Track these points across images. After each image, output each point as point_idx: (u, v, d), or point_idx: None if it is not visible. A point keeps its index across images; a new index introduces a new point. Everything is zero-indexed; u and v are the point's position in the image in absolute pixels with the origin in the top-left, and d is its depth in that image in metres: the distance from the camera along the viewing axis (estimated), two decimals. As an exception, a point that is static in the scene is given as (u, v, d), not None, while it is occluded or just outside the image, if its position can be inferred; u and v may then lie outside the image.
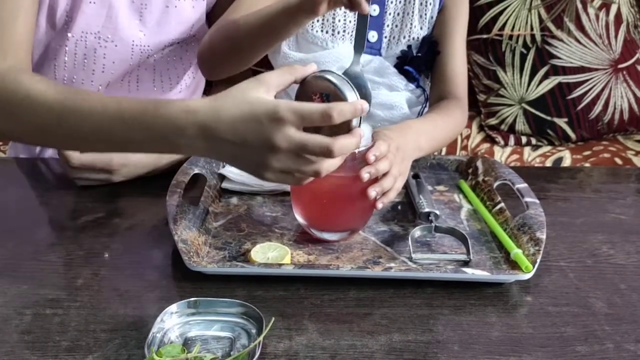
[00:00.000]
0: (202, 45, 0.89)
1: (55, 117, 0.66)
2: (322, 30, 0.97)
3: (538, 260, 0.71)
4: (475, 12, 1.44)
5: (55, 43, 0.94)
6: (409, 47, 0.99)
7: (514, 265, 0.72)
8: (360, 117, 0.65)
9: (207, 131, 0.61)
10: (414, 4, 0.97)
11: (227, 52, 0.87)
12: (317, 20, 0.96)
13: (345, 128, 0.64)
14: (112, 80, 0.99)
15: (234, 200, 0.86)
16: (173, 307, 0.62)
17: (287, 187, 0.82)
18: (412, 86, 1.00)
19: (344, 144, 0.62)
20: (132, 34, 0.96)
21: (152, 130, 0.62)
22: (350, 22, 0.97)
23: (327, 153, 0.61)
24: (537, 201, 0.82)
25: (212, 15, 1.04)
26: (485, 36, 1.44)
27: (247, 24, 0.83)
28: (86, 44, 0.94)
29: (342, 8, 0.94)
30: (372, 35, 0.98)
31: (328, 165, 0.64)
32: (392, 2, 0.97)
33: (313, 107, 0.60)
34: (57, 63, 0.96)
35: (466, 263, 0.73)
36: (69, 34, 0.93)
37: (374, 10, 0.97)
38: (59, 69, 0.96)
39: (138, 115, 0.63)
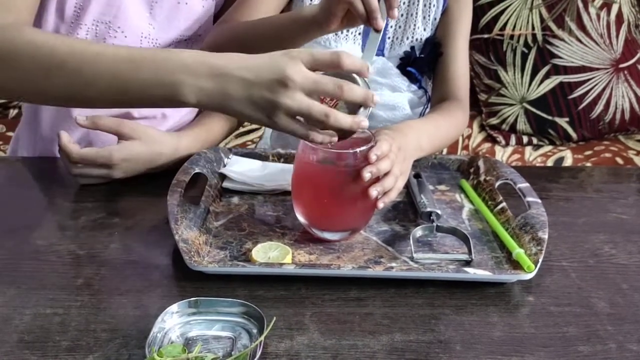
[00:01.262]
0: (206, 43, 0.89)
1: (59, 60, 0.66)
2: None
3: (540, 260, 0.71)
4: (477, 12, 1.43)
5: (65, 31, 0.94)
6: (412, 48, 0.99)
7: (516, 265, 0.71)
8: (368, 110, 0.67)
9: (217, 69, 0.62)
10: (417, 5, 0.97)
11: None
12: None
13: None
14: None
15: (235, 199, 0.86)
16: (174, 307, 0.62)
17: (288, 187, 0.82)
18: (414, 87, 1.00)
19: (352, 87, 0.63)
20: (142, 26, 0.96)
21: (161, 69, 0.64)
22: None
23: (338, 92, 0.62)
24: (539, 201, 0.82)
25: (219, 15, 1.04)
26: (486, 36, 1.44)
27: (255, 30, 0.83)
28: (97, 33, 0.94)
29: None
30: (375, 37, 0.97)
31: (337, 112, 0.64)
32: None
33: (324, 51, 0.63)
34: None
35: (468, 263, 0.73)
36: (81, 22, 0.93)
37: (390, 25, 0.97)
38: None
39: (148, 56, 0.65)
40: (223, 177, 0.89)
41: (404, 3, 0.98)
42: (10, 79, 0.70)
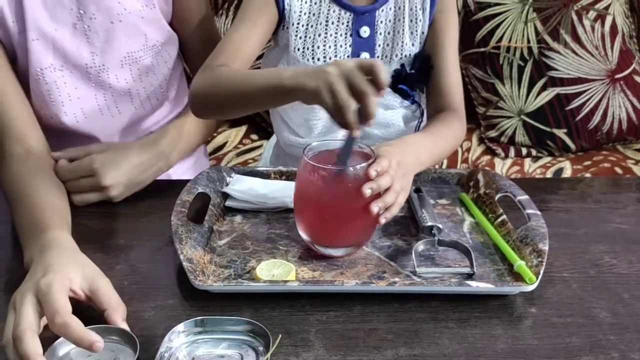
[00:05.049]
0: (191, 87, 0.91)
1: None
2: (313, 58, 0.97)
3: (541, 272, 0.72)
4: (472, 26, 1.45)
5: (22, 85, 0.96)
6: (402, 65, 0.99)
7: (518, 277, 0.72)
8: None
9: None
10: (403, 21, 0.98)
11: (214, 104, 0.89)
12: (308, 49, 0.97)
13: None
14: (85, 107, 1.00)
15: (238, 218, 0.87)
16: (180, 327, 0.63)
17: (291, 204, 0.82)
18: (407, 103, 1.01)
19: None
20: (83, 57, 0.96)
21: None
22: (341, 46, 0.97)
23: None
24: (539, 213, 0.83)
25: (184, 27, 1.05)
26: (482, 50, 1.46)
27: (235, 86, 0.85)
28: (46, 79, 0.96)
29: (333, 34, 0.96)
30: (364, 57, 0.98)
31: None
32: (382, 22, 0.98)
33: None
34: (31, 104, 0.97)
35: (470, 276, 0.74)
36: (28, 76, 0.95)
37: (364, 32, 0.98)
38: (34, 109, 0.97)
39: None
40: (226, 196, 0.90)
41: (389, 20, 0.98)
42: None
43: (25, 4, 0.91)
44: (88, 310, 0.66)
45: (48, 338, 0.61)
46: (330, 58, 0.98)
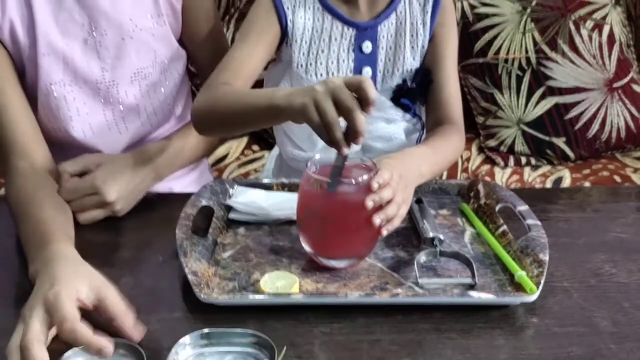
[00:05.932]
0: (193, 105, 0.92)
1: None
2: (315, 74, 0.98)
3: (542, 282, 0.72)
4: (471, 37, 1.47)
5: (36, 99, 0.97)
6: (404, 80, 1.00)
7: (519, 288, 0.73)
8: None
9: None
10: (405, 36, 0.99)
11: (215, 121, 0.91)
12: (311, 65, 0.98)
13: None
14: (94, 123, 1.01)
15: (241, 230, 0.88)
16: (186, 339, 0.63)
17: (293, 216, 0.83)
18: (408, 116, 1.02)
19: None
20: (93, 73, 0.97)
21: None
22: (343, 61, 0.98)
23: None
24: (539, 223, 0.83)
25: (195, 41, 1.06)
26: (481, 60, 1.47)
27: (233, 105, 0.87)
28: (55, 94, 0.97)
29: (336, 50, 0.97)
30: (367, 72, 0.99)
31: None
32: (383, 37, 0.99)
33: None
34: (38, 117, 0.98)
35: (472, 286, 0.74)
36: (37, 90, 0.96)
37: (366, 47, 0.99)
38: (41, 122, 0.98)
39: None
40: (229, 208, 0.91)
41: (391, 35, 0.99)
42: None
43: (37, 18, 0.92)
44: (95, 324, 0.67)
45: (56, 351, 0.62)
46: (333, 74, 0.99)
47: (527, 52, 1.45)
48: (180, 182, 1.09)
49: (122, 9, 0.96)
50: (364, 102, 0.72)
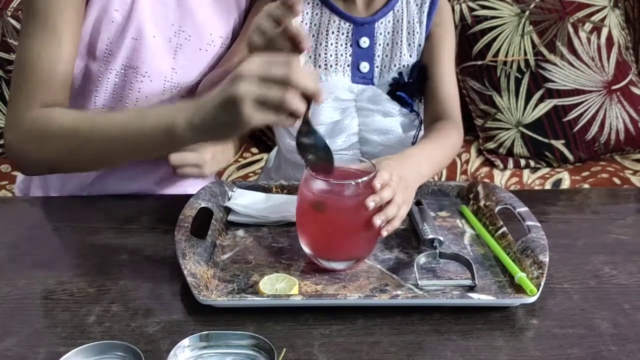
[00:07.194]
0: (198, 89, 0.92)
1: (82, 138, 0.84)
2: (315, 65, 1.00)
3: (542, 283, 0.72)
4: (469, 40, 1.47)
5: (97, 73, 0.97)
6: (400, 74, 1.02)
7: (519, 289, 0.73)
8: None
9: (199, 102, 0.73)
10: (402, 34, 1.01)
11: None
12: (310, 57, 1.00)
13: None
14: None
15: (240, 232, 0.88)
16: (185, 341, 0.63)
17: (292, 218, 0.83)
18: (405, 110, 1.02)
19: (301, 69, 0.67)
20: (166, 71, 0.99)
21: (160, 116, 0.77)
22: (342, 55, 1.00)
23: (287, 69, 0.66)
24: (539, 224, 0.83)
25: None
26: (480, 62, 1.47)
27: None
28: (125, 77, 0.97)
29: (334, 44, 0.98)
30: (364, 66, 1.01)
31: (298, 73, 0.66)
32: (381, 34, 1.01)
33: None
34: (97, 93, 0.98)
35: (472, 288, 0.74)
36: (110, 67, 0.96)
37: (364, 42, 1.00)
38: (98, 98, 0.98)
39: (148, 110, 0.85)
40: (228, 210, 0.91)
41: (388, 32, 1.01)
42: (47, 154, 0.87)
43: (137, 2, 0.93)
44: (88, 329, 0.67)
45: (56, 353, 0.62)
46: (331, 66, 1.01)
47: (525, 54, 1.46)
48: (180, 185, 1.09)
49: (209, 21, 0.99)
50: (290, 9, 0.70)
